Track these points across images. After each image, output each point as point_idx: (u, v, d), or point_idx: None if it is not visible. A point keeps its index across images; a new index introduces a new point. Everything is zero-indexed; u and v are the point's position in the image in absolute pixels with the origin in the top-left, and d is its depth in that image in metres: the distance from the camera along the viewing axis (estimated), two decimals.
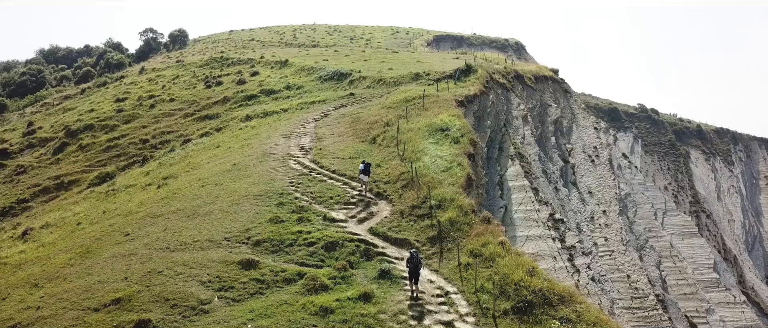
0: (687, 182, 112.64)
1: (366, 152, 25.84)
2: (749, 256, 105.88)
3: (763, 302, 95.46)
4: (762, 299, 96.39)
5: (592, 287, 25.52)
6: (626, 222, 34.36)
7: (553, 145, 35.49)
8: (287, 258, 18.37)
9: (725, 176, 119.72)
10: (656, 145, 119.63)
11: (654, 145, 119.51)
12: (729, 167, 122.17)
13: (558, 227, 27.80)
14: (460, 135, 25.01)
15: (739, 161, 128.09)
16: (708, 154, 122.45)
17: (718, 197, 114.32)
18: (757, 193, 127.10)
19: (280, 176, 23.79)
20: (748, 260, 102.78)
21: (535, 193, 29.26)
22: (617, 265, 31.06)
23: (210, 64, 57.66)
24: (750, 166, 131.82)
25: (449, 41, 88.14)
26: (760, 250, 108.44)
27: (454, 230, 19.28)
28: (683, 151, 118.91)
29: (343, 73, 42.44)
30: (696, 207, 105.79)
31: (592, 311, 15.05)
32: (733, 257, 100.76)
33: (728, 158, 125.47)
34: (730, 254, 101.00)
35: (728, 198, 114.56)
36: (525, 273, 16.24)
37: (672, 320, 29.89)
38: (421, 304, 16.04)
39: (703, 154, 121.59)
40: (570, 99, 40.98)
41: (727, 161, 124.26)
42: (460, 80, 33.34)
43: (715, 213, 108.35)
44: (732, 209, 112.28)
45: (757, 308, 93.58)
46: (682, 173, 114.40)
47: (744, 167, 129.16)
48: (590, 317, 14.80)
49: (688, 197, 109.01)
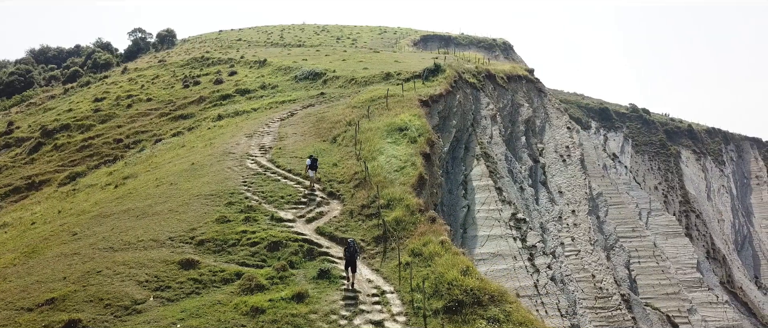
0: (677, 182, 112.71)
1: (325, 151, 25.78)
2: (739, 256, 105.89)
3: (751, 302, 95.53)
4: (750, 298, 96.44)
5: (550, 287, 25.47)
6: (595, 222, 34.31)
7: (523, 145, 35.44)
8: (229, 258, 18.31)
9: (716, 176, 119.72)
10: (647, 145, 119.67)
11: (645, 145, 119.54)
12: (720, 167, 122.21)
13: (520, 226, 27.75)
14: (418, 135, 24.94)
15: (731, 161, 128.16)
16: (699, 154, 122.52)
17: (708, 196, 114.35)
18: (748, 193, 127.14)
19: (235, 176, 23.72)
20: (737, 260, 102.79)
21: (498, 192, 29.21)
22: (583, 265, 31.00)
23: (190, 64, 57.59)
24: (741, 166, 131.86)
25: (437, 41, 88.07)
26: (750, 250, 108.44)
27: (399, 230, 19.24)
28: (674, 151, 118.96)
29: (317, 73, 42.38)
30: (686, 207, 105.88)
31: (520, 311, 15.00)
32: (722, 257, 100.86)
33: (719, 158, 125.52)
34: (719, 254, 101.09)
35: (718, 198, 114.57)
36: (459, 272, 16.19)
37: (636, 320, 29.83)
38: (354, 303, 16.00)
39: (694, 154, 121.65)
40: (544, 98, 40.91)
41: (718, 161, 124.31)
42: (428, 80, 33.28)
43: (704, 213, 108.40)
44: (722, 209, 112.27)
45: (745, 307, 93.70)
46: (672, 173, 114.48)
47: (735, 166, 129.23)
48: (518, 317, 14.76)
49: (678, 197, 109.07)
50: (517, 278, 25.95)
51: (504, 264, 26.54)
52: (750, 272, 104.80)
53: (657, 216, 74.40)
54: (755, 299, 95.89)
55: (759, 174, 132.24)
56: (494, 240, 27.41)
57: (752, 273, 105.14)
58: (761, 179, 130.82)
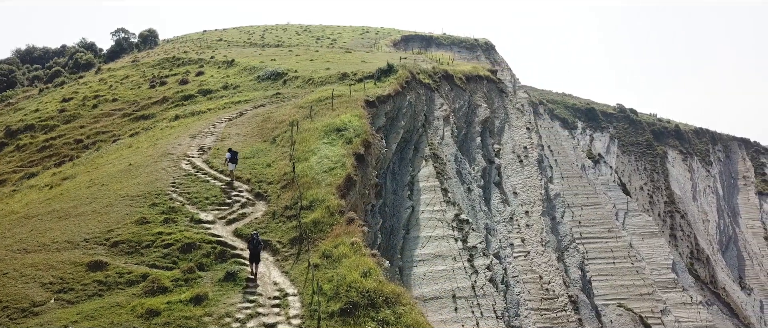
0: (663, 182, 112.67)
1: (263, 152, 25.67)
2: (723, 256, 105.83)
3: (734, 303, 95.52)
4: (733, 299, 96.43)
5: (488, 288, 25.34)
6: (549, 223, 34.17)
7: (477, 146, 35.30)
8: (140, 260, 18.17)
9: (702, 176, 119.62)
10: (633, 145, 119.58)
11: (631, 145, 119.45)
12: (706, 168, 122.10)
13: (462, 227, 27.63)
14: (355, 135, 24.82)
15: (718, 161, 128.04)
16: (685, 154, 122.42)
17: (693, 197, 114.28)
18: (734, 193, 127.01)
19: (166, 177, 23.58)
20: (721, 261, 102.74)
21: (444, 193, 29.09)
22: (531, 266, 30.88)
23: (161, 65, 57.42)
24: (729, 166, 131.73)
25: (418, 41, 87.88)
26: (735, 250, 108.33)
27: (317, 231, 19.12)
28: (660, 151, 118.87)
29: (279, 73, 42.25)
30: (671, 207, 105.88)
31: (412, 314, 14.89)
32: (706, 258, 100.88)
33: (706, 158, 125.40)
34: (703, 255, 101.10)
35: (704, 198, 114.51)
36: (359, 275, 16.09)
37: (582, 321, 29.70)
38: (254, 305, 15.88)
39: (681, 154, 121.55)
40: (505, 99, 40.78)
41: (705, 161, 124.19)
42: (380, 80, 33.15)
43: (690, 213, 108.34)
44: (707, 209, 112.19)
45: (728, 308, 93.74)
46: (658, 173, 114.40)
47: (722, 167, 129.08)
48: (408, 320, 14.65)
49: (663, 198, 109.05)
50: (455, 279, 25.83)
51: (443, 265, 26.42)
52: (734, 272, 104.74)
53: (634, 217, 74.36)
54: (738, 299, 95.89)
55: (746, 174, 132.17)
56: (436, 241, 27.29)
57: (736, 274, 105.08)
58: (748, 179, 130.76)
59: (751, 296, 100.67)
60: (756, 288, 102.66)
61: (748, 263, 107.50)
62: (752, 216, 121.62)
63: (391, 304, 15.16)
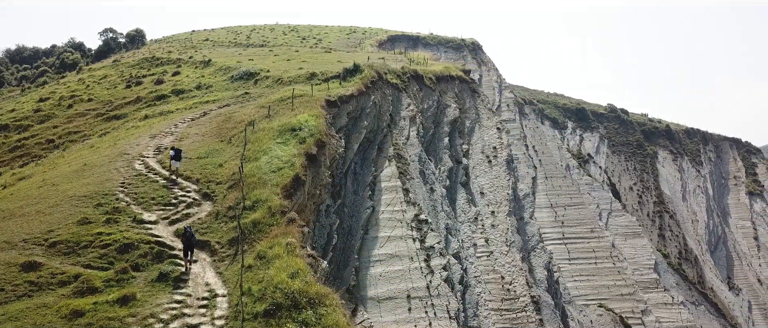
0: (652, 182, 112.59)
1: (218, 152, 25.60)
2: (712, 256, 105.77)
3: (721, 303, 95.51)
4: (720, 299, 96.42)
5: (442, 288, 25.28)
6: (515, 223, 34.10)
7: (445, 146, 35.22)
8: (76, 260, 18.10)
9: (692, 176, 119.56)
10: (624, 145, 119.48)
11: (622, 145, 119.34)
12: (696, 167, 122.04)
13: (421, 227, 27.57)
14: (309, 135, 24.75)
15: (709, 161, 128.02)
16: (676, 154, 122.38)
17: (683, 197, 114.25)
18: (725, 193, 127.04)
19: (116, 177, 23.50)
20: (709, 261, 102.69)
21: (405, 193, 29.03)
22: (494, 266, 30.81)
23: (140, 64, 57.34)
24: (720, 166, 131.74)
25: (404, 41, 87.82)
26: (724, 250, 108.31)
27: (256, 232, 19.05)
28: (651, 151, 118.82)
29: (251, 73, 42.19)
30: (660, 207, 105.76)
31: (334, 315, 14.84)
32: (694, 258, 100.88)
33: (697, 158, 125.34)
34: (691, 255, 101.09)
35: (693, 198, 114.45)
36: (287, 276, 16.02)
37: (543, 322, 29.63)
38: (180, 306, 15.82)
39: (671, 154, 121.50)
40: (477, 99, 40.70)
41: (695, 162, 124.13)
42: (345, 80, 33.09)
43: (679, 213, 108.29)
44: (696, 210, 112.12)
45: (715, 308, 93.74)
46: (648, 173, 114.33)
47: (713, 167, 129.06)
48: (328, 321, 14.61)
49: (652, 198, 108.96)
50: (410, 279, 25.77)
51: (400, 265, 26.36)
52: (723, 272, 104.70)
53: (618, 217, 74.35)
54: (725, 299, 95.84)
55: (737, 174, 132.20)
56: (394, 241, 27.23)
57: (725, 274, 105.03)
58: (739, 179, 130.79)
59: (739, 296, 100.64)
60: (744, 288, 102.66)
61: (737, 264, 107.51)
62: (742, 216, 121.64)
63: (314, 305, 15.10)
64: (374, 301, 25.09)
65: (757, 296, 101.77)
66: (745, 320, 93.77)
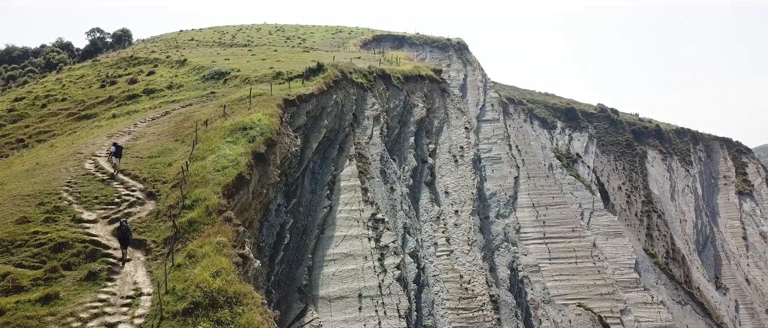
0: (641, 182, 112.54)
1: (170, 151, 25.59)
2: (700, 256, 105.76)
3: (707, 302, 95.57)
4: (707, 299, 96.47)
5: (394, 287, 25.28)
6: (478, 222, 34.09)
7: (410, 146, 35.22)
8: (8, 259, 18.07)
9: (681, 176, 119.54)
10: (613, 145, 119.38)
11: (611, 145, 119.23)
12: (686, 167, 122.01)
13: (377, 226, 27.56)
14: (259, 134, 24.74)
15: (698, 161, 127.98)
16: (665, 154, 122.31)
17: (671, 196, 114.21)
18: (715, 193, 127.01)
19: (64, 176, 23.48)
20: (696, 260, 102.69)
21: (364, 193, 29.02)
22: (454, 265, 30.81)
23: (118, 64, 57.30)
24: (710, 166, 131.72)
25: (390, 41, 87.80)
26: (712, 250, 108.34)
27: (191, 231, 19.03)
28: (640, 151, 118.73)
29: (222, 73, 42.15)
30: (648, 207, 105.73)
31: (249, 315, 14.83)
32: (682, 257, 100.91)
33: (687, 158, 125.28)
34: (679, 254, 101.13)
35: (682, 198, 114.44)
36: (210, 275, 16.00)
37: (501, 321, 29.62)
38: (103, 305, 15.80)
39: (661, 154, 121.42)
40: (447, 99, 40.68)
41: (685, 161, 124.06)
42: (308, 79, 33.09)
43: (667, 213, 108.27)
44: (685, 209, 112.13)
45: (701, 308, 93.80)
46: (637, 173, 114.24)
47: (703, 166, 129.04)
48: (242, 320, 14.61)
49: (641, 197, 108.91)
50: (363, 278, 25.77)
51: (354, 264, 26.36)
52: (710, 272, 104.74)
53: (600, 216, 74.36)
54: (712, 299, 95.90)
55: (727, 174, 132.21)
56: (350, 240, 27.22)
57: (712, 273, 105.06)
58: (729, 178, 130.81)
59: (726, 295, 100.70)
60: (732, 288, 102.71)
61: (725, 263, 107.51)
62: (731, 216, 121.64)
63: (231, 304, 15.10)
64: (325, 300, 25.09)
65: (744, 296, 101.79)
66: (731, 320, 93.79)
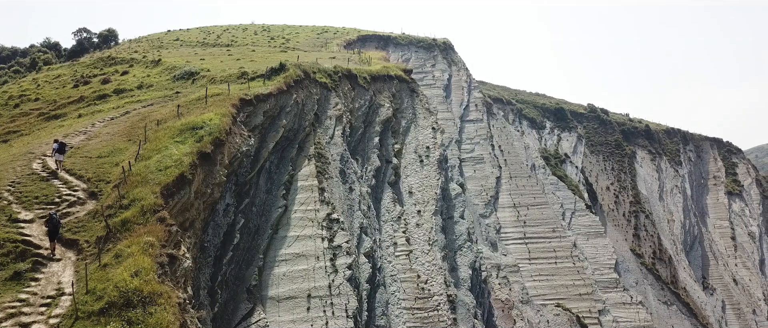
0: (629, 182, 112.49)
1: (120, 151, 25.56)
2: (687, 256, 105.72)
3: (693, 303, 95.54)
4: (693, 299, 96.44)
5: (344, 287, 25.23)
6: (440, 222, 34.06)
7: (374, 146, 35.17)
8: None
9: (670, 176, 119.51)
10: (602, 145, 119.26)
11: (600, 145, 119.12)
12: (675, 167, 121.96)
13: (331, 226, 27.52)
14: (207, 134, 24.69)
15: (688, 161, 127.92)
16: (654, 154, 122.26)
17: (660, 197, 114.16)
18: (704, 193, 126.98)
19: (9, 176, 23.43)
20: (684, 261, 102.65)
21: (320, 193, 28.98)
22: (412, 265, 30.76)
23: (95, 64, 57.26)
24: (700, 166, 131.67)
25: (375, 41, 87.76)
26: (699, 250, 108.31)
27: (123, 231, 18.97)
28: (629, 151, 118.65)
29: (191, 72, 42.10)
30: (636, 207, 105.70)
31: (162, 315, 14.78)
32: (668, 258, 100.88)
33: (676, 158, 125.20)
34: (666, 255, 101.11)
35: (671, 198, 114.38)
36: (129, 274, 15.95)
37: (457, 321, 29.58)
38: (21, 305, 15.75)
39: (650, 154, 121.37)
40: (415, 99, 40.64)
41: (674, 161, 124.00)
42: (269, 79, 33.05)
43: (655, 213, 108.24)
44: (673, 209, 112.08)
45: (687, 308, 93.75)
46: (625, 173, 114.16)
47: (693, 166, 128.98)
48: (153, 320, 14.57)
49: (629, 197, 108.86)
50: (314, 278, 25.73)
51: (305, 264, 26.32)
52: (697, 272, 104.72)
53: (581, 216, 74.31)
54: (698, 299, 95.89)
55: (717, 174, 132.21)
56: (303, 240, 27.18)
57: (700, 273, 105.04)
58: (719, 179, 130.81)
59: (713, 295, 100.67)
60: (719, 288, 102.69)
61: (713, 264, 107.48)
62: (721, 216, 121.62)
63: (145, 304, 15.06)
64: (274, 300, 25.05)
65: (731, 296, 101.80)
66: (717, 320, 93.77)
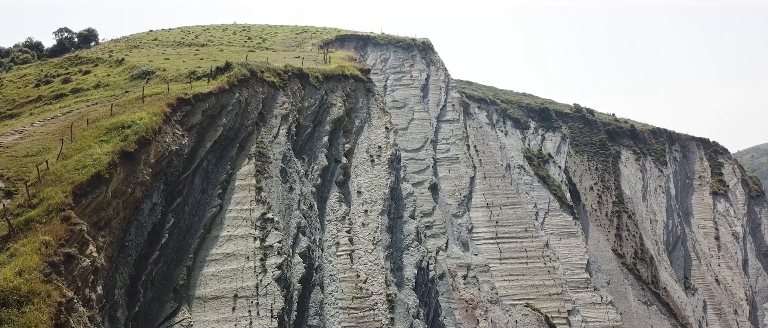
0: (613, 182, 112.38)
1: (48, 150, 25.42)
2: (669, 256, 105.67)
3: (673, 303, 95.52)
4: (673, 299, 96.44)
5: (272, 287, 25.15)
6: (386, 221, 33.97)
7: (323, 145, 35.07)
8: None
9: (654, 176, 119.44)
10: (587, 145, 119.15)
11: (585, 145, 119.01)
12: (659, 167, 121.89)
13: (265, 226, 27.44)
14: (133, 133, 24.61)
15: (674, 161, 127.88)
16: (639, 154, 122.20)
17: (643, 197, 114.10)
18: (689, 193, 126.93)
19: None
20: (665, 261, 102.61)
21: (257, 192, 28.90)
22: (352, 265, 30.67)
23: (62, 63, 57.16)
24: (685, 166, 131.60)
25: (354, 41, 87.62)
26: (682, 250, 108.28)
27: (26, 230, 18.87)
28: (614, 151, 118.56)
29: (148, 72, 42.00)
30: (619, 207, 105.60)
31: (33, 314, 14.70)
32: (650, 258, 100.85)
33: (661, 158, 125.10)
34: (647, 255, 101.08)
35: (654, 198, 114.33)
36: (13, 274, 15.86)
37: (395, 321, 29.50)
38: None
39: (634, 154, 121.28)
40: (371, 99, 40.54)
41: (659, 162, 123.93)
42: (214, 78, 32.98)
43: (638, 213, 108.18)
44: (656, 209, 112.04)
45: (667, 308, 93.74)
46: (609, 173, 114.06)
47: (678, 166, 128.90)
48: (24, 320, 14.51)
49: (612, 197, 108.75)
50: (242, 278, 25.65)
51: (235, 264, 26.23)
52: (679, 272, 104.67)
53: (554, 216, 74.28)
54: (678, 299, 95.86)
55: (703, 174, 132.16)
56: (235, 240, 27.09)
57: (682, 273, 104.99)
58: (704, 179, 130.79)
59: (695, 295, 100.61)
60: (700, 288, 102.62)
61: (695, 263, 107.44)
62: (705, 216, 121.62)
63: (22, 303, 14.97)
64: (201, 300, 24.96)
65: (712, 296, 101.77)
66: (697, 320, 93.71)
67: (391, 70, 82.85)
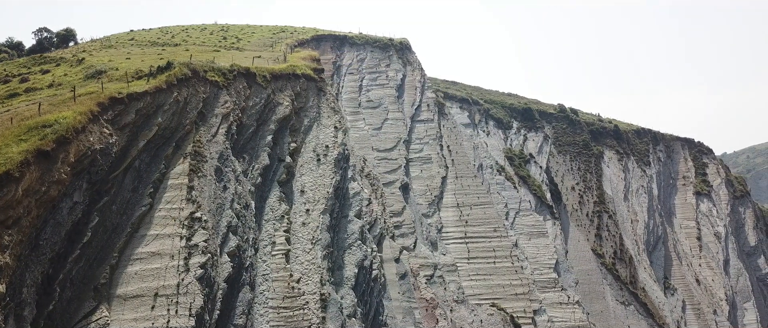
0: (595, 182, 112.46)
1: None
2: (650, 256, 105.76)
3: (651, 303, 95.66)
4: (651, 299, 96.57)
5: (193, 286, 25.18)
6: (327, 221, 33.97)
7: (266, 144, 35.07)
8: None
9: (637, 176, 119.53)
10: (570, 145, 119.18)
11: (568, 145, 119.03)
12: (642, 168, 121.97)
13: (193, 225, 27.46)
14: (53, 132, 24.63)
15: (657, 161, 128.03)
16: (622, 154, 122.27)
17: (625, 197, 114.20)
18: (673, 193, 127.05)
19: None
20: (645, 261, 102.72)
21: (188, 191, 28.91)
22: (287, 264, 30.68)
23: (25, 63, 57.14)
24: (669, 166, 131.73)
25: (331, 41, 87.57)
26: (662, 250, 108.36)
27: None
28: (597, 151, 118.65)
29: (100, 71, 41.98)
30: (600, 207, 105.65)
31: None
32: (629, 258, 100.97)
33: (645, 159, 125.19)
34: (626, 255, 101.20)
35: (636, 198, 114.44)
36: None
37: (326, 320, 29.50)
38: None
39: (617, 154, 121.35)
40: (322, 98, 40.57)
41: (642, 162, 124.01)
42: (154, 77, 32.99)
43: (619, 213, 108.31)
44: (638, 210, 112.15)
45: (644, 308, 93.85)
46: (591, 173, 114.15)
47: (662, 167, 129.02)
48: None
49: (593, 197, 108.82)
50: (164, 277, 25.66)
51: (159, 263, 26.24)
52: (659, 272, 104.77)
53: (525, 216, 74.32)
54: (656, 299, 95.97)
55: (686, 175, 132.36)
56: (161, 239, 27.10)
57: (662, 274, 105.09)
58: (688, 179, 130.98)
59: (674, 296, 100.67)
60: (680, 288, 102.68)
61: (676, 264, 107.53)
62: (688, 216, 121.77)
63: None
64: (121, 299, 24.97)
65: (692, 296, 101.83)
66: (675, 320, 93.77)
67: (367, 70, 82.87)
